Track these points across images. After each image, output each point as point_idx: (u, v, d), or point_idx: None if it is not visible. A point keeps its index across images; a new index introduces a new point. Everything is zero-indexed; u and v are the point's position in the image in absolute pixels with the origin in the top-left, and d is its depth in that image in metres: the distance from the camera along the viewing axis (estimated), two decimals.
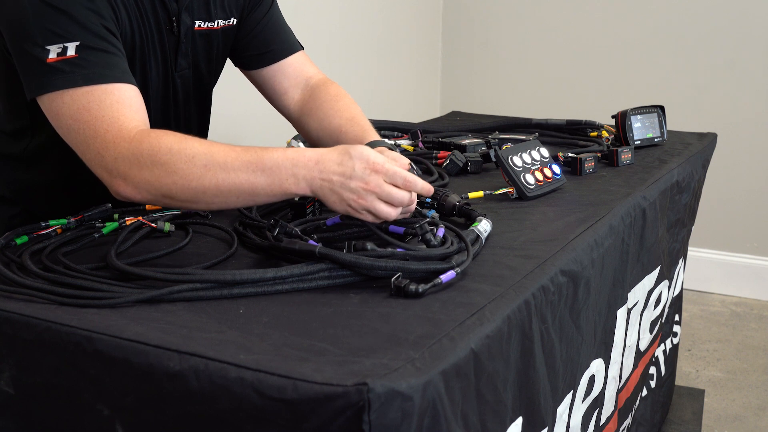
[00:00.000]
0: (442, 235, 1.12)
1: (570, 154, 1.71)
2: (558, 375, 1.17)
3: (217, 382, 0.81)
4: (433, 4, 3.67)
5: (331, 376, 0.78)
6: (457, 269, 1.04)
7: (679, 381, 2.51)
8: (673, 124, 2.15)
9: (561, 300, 1.14)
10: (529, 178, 1.48)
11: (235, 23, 1.54)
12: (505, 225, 1.30)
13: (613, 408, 1.53)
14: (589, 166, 1.69)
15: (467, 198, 1.45)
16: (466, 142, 1.81)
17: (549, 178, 1.51)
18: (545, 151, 1.55)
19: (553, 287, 1.10)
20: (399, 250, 1.05)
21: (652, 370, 1.95)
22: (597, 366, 1.38)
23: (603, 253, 1.30)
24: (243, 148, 1.14)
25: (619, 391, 1.56)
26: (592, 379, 1.37)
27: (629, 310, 1.55)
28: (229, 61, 1.62)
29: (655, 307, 1.76)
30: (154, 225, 1.24)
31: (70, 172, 1.35)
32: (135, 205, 1.32)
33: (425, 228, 1.09)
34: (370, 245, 1.04)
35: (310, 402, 0.77)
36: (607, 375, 1.45)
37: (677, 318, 2.18)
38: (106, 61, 1.21)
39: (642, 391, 1.82)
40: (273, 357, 0.82)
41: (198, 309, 0.96)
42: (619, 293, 1.44)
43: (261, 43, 1.58)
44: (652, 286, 1.69)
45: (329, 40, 2.90)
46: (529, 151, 1.52)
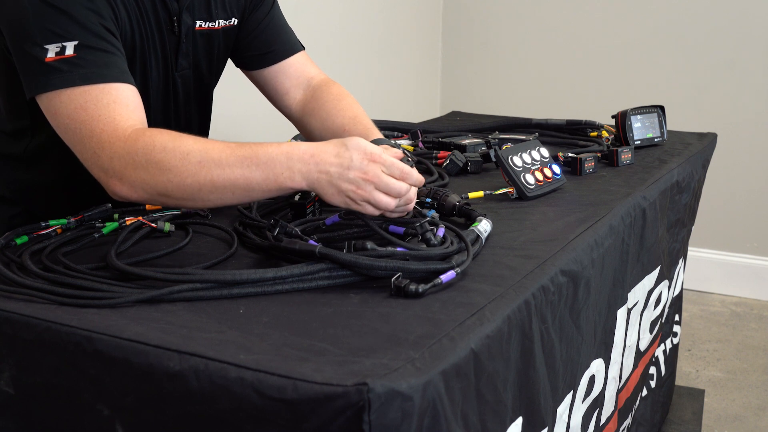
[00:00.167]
0: (442, 235, 1.12)
1: (570, 154, 1.71)
2: (558, 375, 1.17)
3: (217, 382, 0.81)
4: (433, 4, 3.66)
5: (331, 376, 0.77)
6: (457, 269, 1.03)
7: (679, 381, 2.51)
8: (673, 124, 2.15)
9: (561, 300, 1.14)
10: (529, 178, 1.48)
11: (236, 23, 1.54)
12: (505, 225, 1.30)
13: (613, 408, 1.53)
14: (589, 166, 1.69)
15: (467, 198, 1.45)
16: (466, 142, 1.81)
17: (549, 178, 1.51)
18: (545, 151, 1.55)
19: (553, 287, 1.10)
20: (399, 249, 1.05)
21: (652, 370, 1.95)
22: (597, 366, 1.38)
23: (603, 253, 1.30)
24: (238, 144, 1.14)
25: (619, 391, 1.56)
26: (592, 379, 1.37)
27: (629, 310, 1.55)
28: (230, 61, 1.62)
29: (655, 307, 1.76)
30: (154, 225, 1.24)
31: (70, 172, 1.34)
32: (135, 205, 1.32)
33: (425, 228, 1.09)
34: (370, 245, 1.04)
35: (310, 402, 0.77)
36: (607, 375, 1.45)
37: (677, 318, 2.18)
38: (105, 61, 1.21)
39: (642, 391, 1.82)
40: (273, 357, 0.82)
41: (198, 309, 0.96)
42: (619, 293, 1.44)
43: (262, 43, 1.58)
44: (652, 286, 1.69)
45: (329, 40, 2.90)
46: (529, 151, 1.52)
